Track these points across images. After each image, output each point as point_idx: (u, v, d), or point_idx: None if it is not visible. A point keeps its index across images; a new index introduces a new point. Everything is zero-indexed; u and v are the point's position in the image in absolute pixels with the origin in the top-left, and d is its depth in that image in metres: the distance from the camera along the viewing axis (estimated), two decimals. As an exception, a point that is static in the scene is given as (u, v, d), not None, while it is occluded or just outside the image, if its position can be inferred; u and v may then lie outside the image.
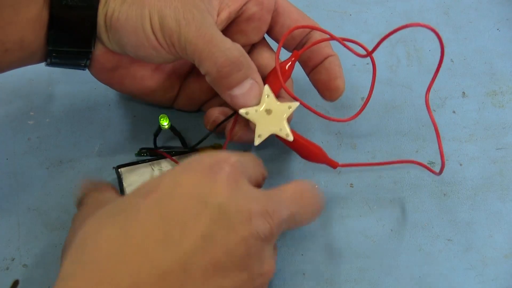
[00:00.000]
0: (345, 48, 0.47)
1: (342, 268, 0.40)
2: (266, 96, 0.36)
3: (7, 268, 0.39)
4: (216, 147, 0.41)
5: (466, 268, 0.41)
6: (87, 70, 0.39)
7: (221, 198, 0.30)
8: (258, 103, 0.36)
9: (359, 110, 0.39)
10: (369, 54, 0.38)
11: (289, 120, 0.37)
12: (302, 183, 0.35)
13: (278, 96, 0.38)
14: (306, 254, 0.41)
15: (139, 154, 0.40)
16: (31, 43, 0.35)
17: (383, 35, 0.36)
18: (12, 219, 0.40)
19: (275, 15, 0.40)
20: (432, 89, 0.46)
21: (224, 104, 0.42)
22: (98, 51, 0.38)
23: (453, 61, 0.48)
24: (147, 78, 0.40)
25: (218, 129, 0.40)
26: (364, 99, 0.46)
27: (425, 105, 0.45)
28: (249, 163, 0.34)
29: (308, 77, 0.41)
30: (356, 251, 0.41)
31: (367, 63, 0.47)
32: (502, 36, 0.49)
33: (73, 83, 0.45)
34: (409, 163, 0.42)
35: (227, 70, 0.35)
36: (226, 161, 0.31)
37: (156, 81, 0.41)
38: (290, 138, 0.37)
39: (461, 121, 0.46)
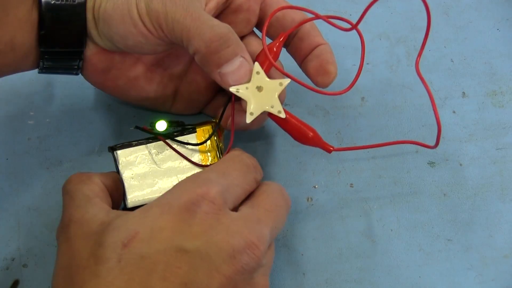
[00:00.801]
0: (344, 49, 0.47)
1: (342, 268, 0.40)
2: (256, 73, 0.36)
3: (7, 268, 0.39)
4: (215, 122, 0.40)
5: (466, 268, 0.41)
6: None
7: (200, 241, 0.30)
8: (248, 81, 0.36)
9: (351, 83, 0.38)
10: (354, 27, 0.38)
11: (282, 100, 0.37)
12: (270, 190, 0.35)
13: (268, 77, 0.37)
14: (306, 254, 0.41)
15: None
16: (22, 44, 0.35)
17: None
18: (12, 219, 0.40)
19: (263, 6, 0.40)
20: (432, 89, 0.47)
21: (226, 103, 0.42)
22: (90, 51, 0.37)
23: (453, 61, 0.48)
24: (141, 79, 0.40)
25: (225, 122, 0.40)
26: (365, 99, 0.46)
27: (423, 106, 0.46)
28: (234, 181, 0.34)
29: (300, 67, 0.41)
30: (356, 251, 0.41)
31: (367, 63, 0.47)
32: (502, 36, 0.49)
33: (73, 83, 0.44)
34: (402, 143, 0.42)
35: (216, 46, 0.35)
36: (205, 196, 0.31)
37: (150, 80, 0.40)
38: (282, 115, 0.36)
39: (461, 121, 0.46)
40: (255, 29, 0.41)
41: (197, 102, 0.43)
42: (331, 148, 0.38)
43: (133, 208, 0.34)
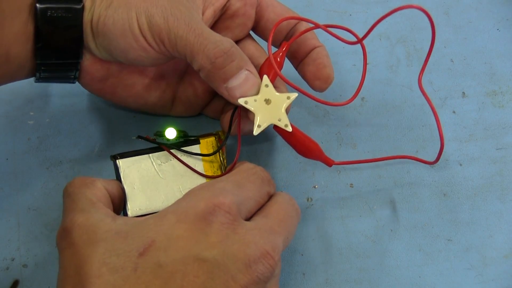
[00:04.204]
0: (344, 49, 0.47)
1: (342, 268, 0.40)
2: (265, 85, 0.36)
3: (7, 268, 0.39)
4: (219, 134, 0.40)
5: (466, 268, 0.41)
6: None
7: (216, 250, 0.30)
8: (255, 93, 0.36)
9: (354, 94, 0.38)
10: (360, 41, 0.38)
11: (286, 111, 0.37)
12: (282, 200, 0.35)
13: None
14: (306, 254, 0.41)
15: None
16: (17, 56, 0.35)
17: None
18: (12, 219, 0.40)
19: (259, 10, 0.40)
20: (432, 89, 0.47)
21: (224, 105, 0.42)
22: (87, 61, 0.37)
23: (453, 61, 0.48)
24: (138, 85, 0.40)
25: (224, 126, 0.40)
26: (365, 99, 0.46)
27: (423, 106, 0.45)
28: (249, 193, 0.34)
29: (297, 70, 0.41)
30: (356, 251, 0.41)
31: (368, 63, 0.47)
32: (502, 36, 0.49)
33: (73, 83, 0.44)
34: (401, 158, 0.43)
35: (221, 61, 0.35)
36: (221, 206, 0.31)
37: (147, 87, 0.40)
38: (289, 128, 0.37)
39: (461, 121, 0.46)
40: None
41: (196, 105, 0.43)
42: (332, 162, 0.39)
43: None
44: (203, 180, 0.38)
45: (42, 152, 0.43)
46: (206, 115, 0.44)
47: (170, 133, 0.38)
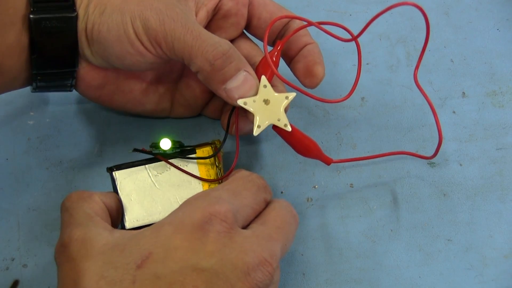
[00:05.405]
0: (344, 49, 0.47)
1: (342, 268, 0.40)
2: (264, 86, 0.36)
3: (7, 268, 0.39)
4: (215, 143, 0.40)
5: (466, 268, 0.41)
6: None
7: (214, 259, 0.30)
8: (253, 94, 0.36)
9: (350, 91, 0.38)
10: (355, 38, 0.38)
11: (285, 111, 0.37)
12: (280, 207, 0.35)
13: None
14: (306, 254, 0.41)
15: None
16: (11, 67, 0.35)
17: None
18: (12, 219, 0.40)
19: (251, 8, 0.40)
20: (432, 89, 0.47)
21: (224, 104, 0.42)
22: (82, 69, 0.37)
23: (453, 61, 0.48)
24: (136, 91, 0.40)
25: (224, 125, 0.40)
26: (365, 99, 0.46)
27: (423, 106, 0.45)
28: (245, 201, 0.34)
29: (289, 67, 0.41)
30: (356, 251, 0.41)
31: (367, 63, 0.47)
32: (502, 36, 0.49)
33: (73, 83, 0.45)
34: (400, 154, 0.43)
35: (220, 63, 0.35)
36: (217, 214, 0.31)
37: (145, 92, 0.40)
38: (288, 128, 0.37)
39: (461, 121, 0.46)
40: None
41: (195, 106, 0.43)
42: (331, 161, 0.39)
43: (131, 229, 0.33)
44: (200, 190, 0.38)
45: (42, 152, 0.43)
46: (206, 115, 0.44)
47: (165, 143, 0.38)
